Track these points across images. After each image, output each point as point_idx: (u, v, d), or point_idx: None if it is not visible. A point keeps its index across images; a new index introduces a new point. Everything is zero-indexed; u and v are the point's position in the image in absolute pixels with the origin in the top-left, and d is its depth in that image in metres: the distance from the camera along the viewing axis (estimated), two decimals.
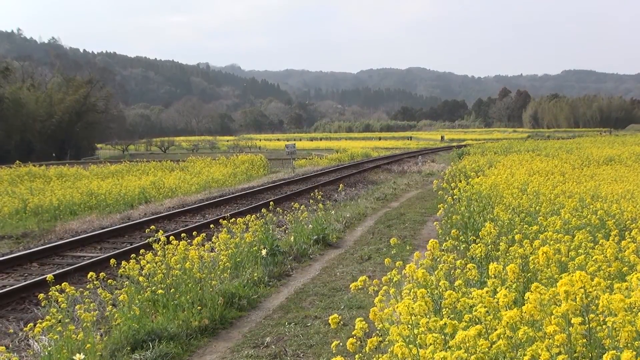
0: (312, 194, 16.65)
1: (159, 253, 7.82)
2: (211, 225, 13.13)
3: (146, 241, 10.18)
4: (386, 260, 5.80)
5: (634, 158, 22.16)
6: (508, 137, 78.59)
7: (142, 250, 7.88)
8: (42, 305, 6.38)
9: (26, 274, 10.71)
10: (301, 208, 12.61)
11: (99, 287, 7.01)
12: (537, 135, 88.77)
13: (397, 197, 20.68)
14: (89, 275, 6.83)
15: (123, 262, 7.56)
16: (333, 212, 14.89)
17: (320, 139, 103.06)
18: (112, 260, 7.94)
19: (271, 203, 13.96)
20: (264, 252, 10.12)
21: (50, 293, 6.28)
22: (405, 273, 4.50)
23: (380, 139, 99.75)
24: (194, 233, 9.07)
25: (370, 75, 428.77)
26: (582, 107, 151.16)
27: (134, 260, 7.52)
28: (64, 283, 6.49)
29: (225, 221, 10.69)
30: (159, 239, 8.13)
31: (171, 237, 8.36)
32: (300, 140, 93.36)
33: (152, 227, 9.89)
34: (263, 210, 12.57)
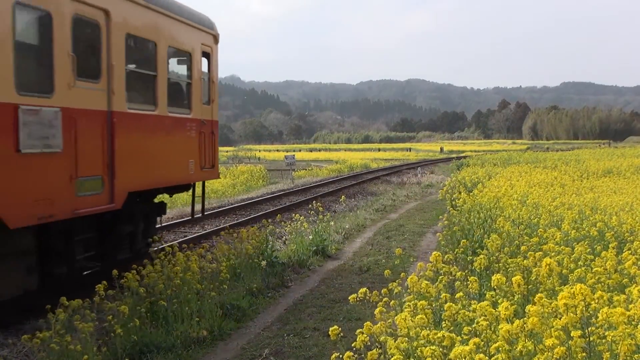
0: (311, 205, 16.63)
1: (159, 264, 7.82)
2: (213, 237, 13.12)
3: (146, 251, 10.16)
4: (386, 272, 5.80)
5: (632, 170, 22.18)
6: (507, 149, 78.71)
7: (145, 261, 7.88)
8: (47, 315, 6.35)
9: None
10: (300, 219, 12.60)
11: (97, 299, 6.99)
12: (537, 147, 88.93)
13: (396, 209, 20.66)
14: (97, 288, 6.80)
15: (124, 274, 7.52)
16: (332, 223, 14.86)
17: (320, 150, 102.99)
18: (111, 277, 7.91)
19: (272, 214, 13.96)
20: (263, 263, 10.09)
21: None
22: (406, 284, 4.49)
23: (379, 150, 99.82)
24: (194, 244, 9.07)
25: (369, 87, 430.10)
26: (582, 119, 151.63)
27: (135, 272, 7.51)
28: (62, 298, 6.46)
29: (225, 232, 10.69)
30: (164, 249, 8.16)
31: (170, 248, 8.36)
32: (300, 151, 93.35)
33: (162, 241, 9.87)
34: (262, 221, 12.56)
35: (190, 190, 11.83)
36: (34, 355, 6.40)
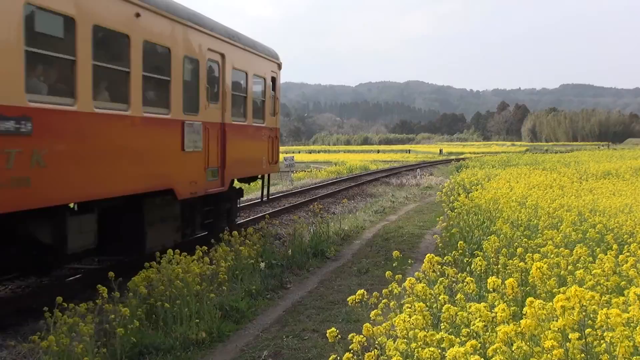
0: (310, 206, 16.63)
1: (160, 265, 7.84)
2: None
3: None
4: (387, 273, 5.79)
5: (631, 172, 22.20)
6: (506, 151, 78.80)
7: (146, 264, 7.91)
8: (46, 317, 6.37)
9: None
10: (299, 221, 12.60)
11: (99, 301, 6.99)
12: (536, 149, 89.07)
13: (395, 210, 20.66)
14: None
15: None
16: (332, 224, 14.87)
17: (319, 152, 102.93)
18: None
19: (267, 216, 13.99)
20: (262, 265, 10.09)
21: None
22: (405, 286, 4.49)
23: (378, 152, 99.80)
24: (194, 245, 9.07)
25: (369, 89, 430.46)
26: (581, 121, 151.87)
27: (138, 274, 7.55)
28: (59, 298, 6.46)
29: (224, 234, 10.69)
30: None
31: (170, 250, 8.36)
32: (299, 153, 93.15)
33: None
34: (261, 222, 12.56)
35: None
36: (33, 356, 6.40)
